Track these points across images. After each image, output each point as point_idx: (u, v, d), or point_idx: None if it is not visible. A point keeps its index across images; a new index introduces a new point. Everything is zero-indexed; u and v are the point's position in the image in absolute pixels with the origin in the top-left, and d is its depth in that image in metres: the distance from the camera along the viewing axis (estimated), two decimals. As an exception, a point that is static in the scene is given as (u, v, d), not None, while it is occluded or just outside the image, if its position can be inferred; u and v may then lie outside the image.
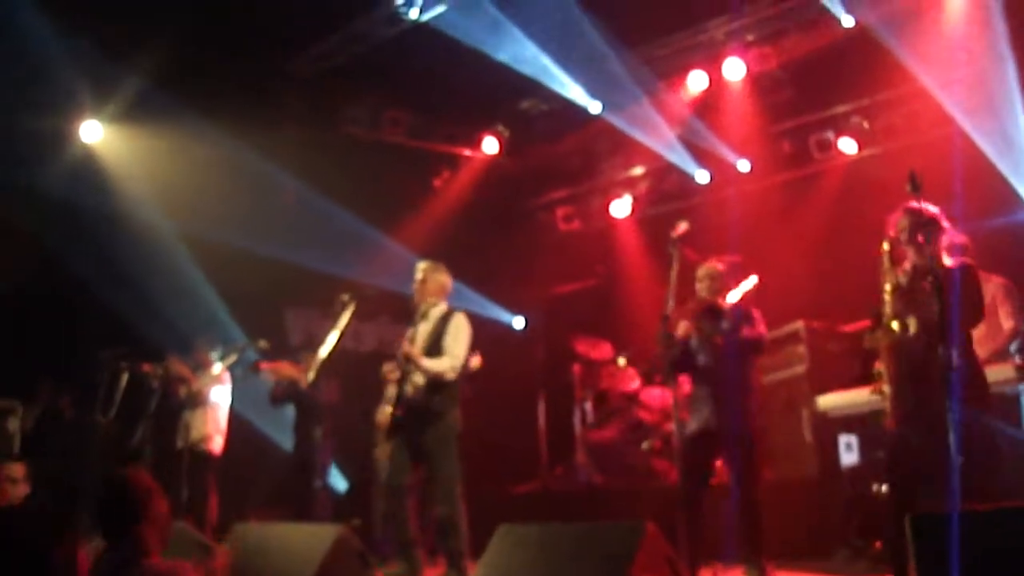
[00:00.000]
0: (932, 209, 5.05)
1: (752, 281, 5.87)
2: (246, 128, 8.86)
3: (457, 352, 5.99)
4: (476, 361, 7.21)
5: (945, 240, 5.03)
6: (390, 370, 5.97)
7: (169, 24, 8.01)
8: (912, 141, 8.31)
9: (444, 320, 6.11)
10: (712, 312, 5.67)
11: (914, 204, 5.05)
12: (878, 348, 5.13)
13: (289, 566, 4.69)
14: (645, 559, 3.62)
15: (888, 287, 5.01)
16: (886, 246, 5.05)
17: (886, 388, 5.13)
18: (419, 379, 5.98)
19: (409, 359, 5.95)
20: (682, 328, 5.76)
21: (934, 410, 4.63)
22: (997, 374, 5.71)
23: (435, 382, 5.93)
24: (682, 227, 5.19)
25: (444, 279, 6.30)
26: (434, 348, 6.01)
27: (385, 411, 7.85)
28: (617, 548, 3.67)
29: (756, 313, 5.79)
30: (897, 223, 5.04)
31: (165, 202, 9.24)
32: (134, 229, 9.23)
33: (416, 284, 6.24)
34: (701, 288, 5.85)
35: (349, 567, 4.72)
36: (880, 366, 5.23)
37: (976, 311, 4.92)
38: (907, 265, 5.10)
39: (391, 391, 7.53)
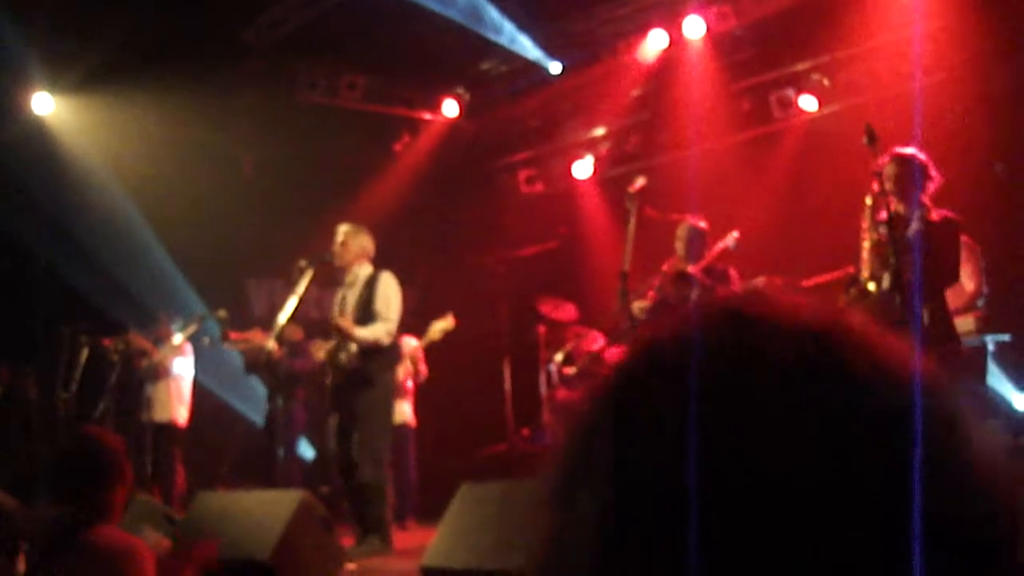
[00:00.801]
0: (921, 155, 4.93)
1: (731, 238, 5.84)
2: (201, 99, 8.72)
3: (390, 316, 5.95)
4: (449, 323, 7.15)
5: (931, 189, 4.91)
6: (318, 347, 5.96)
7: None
8: (873, 97, 8.32)
9: (371, 283, 6.05)
10: (682, 278, 5.65)
11: (904, 150, 4.91)
12: (855, 307, 5.07)
13: (253, 533, 4.66)
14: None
15: (867, 244, 4.90)
16: (869, 200, 4.89)
17: None
18: (353, 347, 5.93)
19: (341, 331, 5.88)
20: (650, 296, 5.75)
21: None
22: (959, 326, 5.77)
23: (370, 348, 5.89)
24: (639, 182, 5.16)
25: (366, 242, 6.23)
26: (365, 313, 5.96)
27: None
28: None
29: (733, 273, 5.76)
30: (884, 170, 4.88)
31: (121, 175, 9.12)
32: (90, 203, 9.11)
33: (336, 247, 6.16)
34: (679, 247, 5.82)
35: (313, 532, 4.70)
36: None
37: (953, 269, 4.84)
38: (885, 215, 4.98)
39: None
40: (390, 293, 6.03)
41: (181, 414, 8.33)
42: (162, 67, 8.43)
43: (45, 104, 9.08)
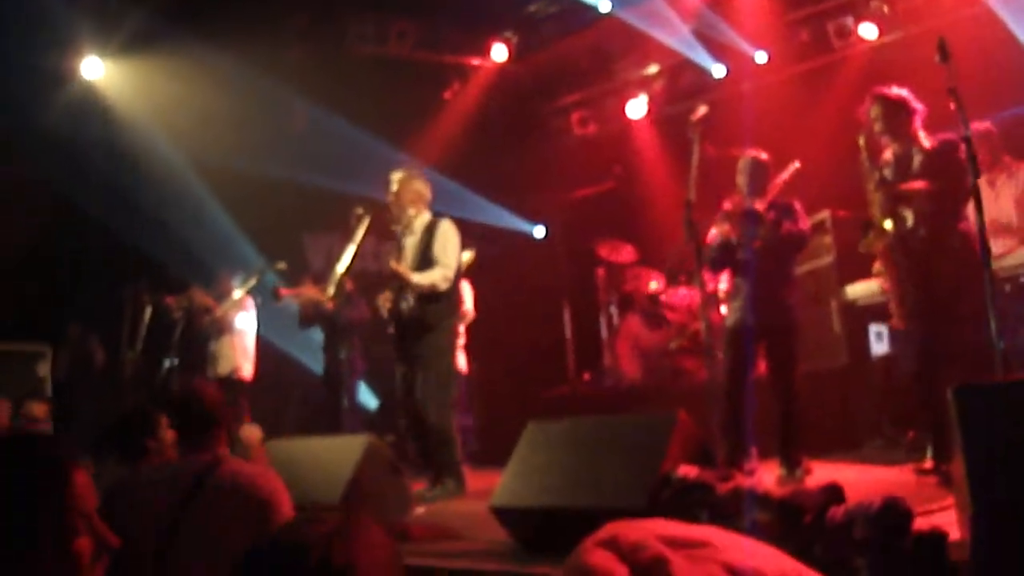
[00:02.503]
0: (899, 91, 4.99)
1: (792, 169, 5.72)
2: (251, 53, 8.69)
3: (447, 261, 5.90)
4: (470, 256, 7.09)
5: (919, 121, 4.98)
6: (384, 299, 5.97)
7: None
8: (935, 24, 8.00)
9: (430, 230, 6.00)
10: (750, 216, 5.54)
11: (881, 89, 5.03)
12: (874, 252, 5.10)
13: (323, 478, 4.69)
14: (678, 448, 3.57)
15: (871, 186, 4.95)
16: (862, 140, 4.99)
17: (890, 289, 5.10)
18: (413, 295, 5.90)
19: (398, 277, 5.84)
20: (721, 231, 5.64)
21: (940, 299, 4.65)
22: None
23: (429, 294, 5.85)
24: (701, 111, 5.04)
25: (420, 187, 6.14)
26: (424, 260, 5.92)
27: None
28: (649, 438, 3.61)
29: (798, 206, 5.68)
30: (868, 112, 5.02)
31: (174, 134, 9.16)
32: (145, 163, 9.18)
33: (391, 196, 6.09)
34: (740, 181, 5.73)
35: (381, 476, 4.72)
36: (879, 265, 5.17)
37: (962, 184, 4.79)
38: (888, 156, 5.03)
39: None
40: (448, 239, 5.97)
41: (246, 368, 8.42)
42: (209, 24, 8.40)
43: (95, 68, 9.11)
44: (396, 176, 6.17)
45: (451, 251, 5.95)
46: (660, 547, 2.50)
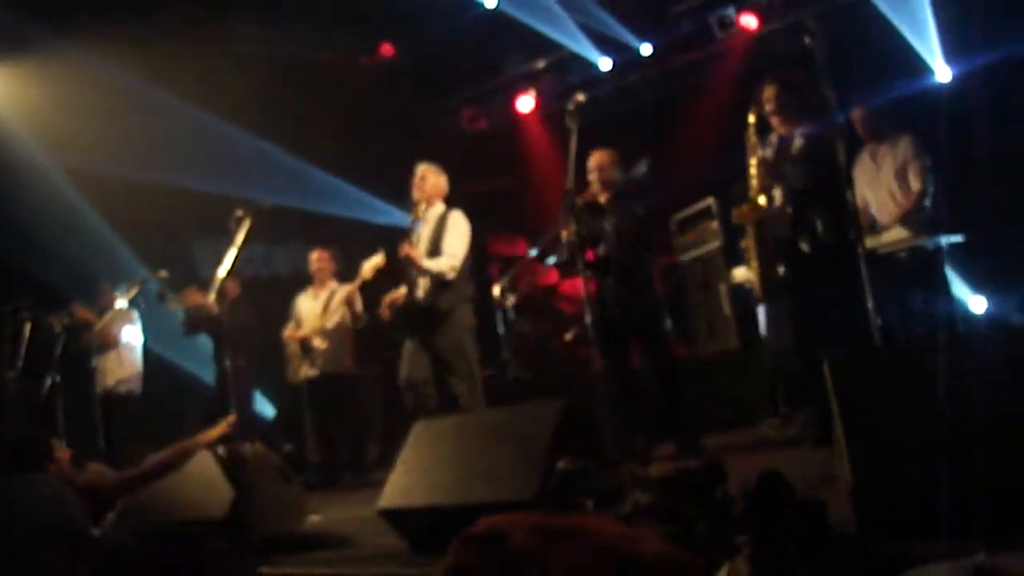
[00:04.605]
0: (798, 76, 5.04)
1: (642, 165, 5.77)
2: (128, 55, 8.39)
3: (454, 251, 6.04)
4: (379, 260, 7.03)
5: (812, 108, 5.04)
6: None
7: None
8: (816, 11, 8.20)
9: (442, 220, 6.18)
10: (594, 209, 5.57)
11: (780, 72, 5.06)
12: (746, 222, 5.18)
13: (208, 492, 4.54)
14: (564, 437, 3.54)
15: (754, 161, 5.04)
16: (751, 118, 5.06)
17: (754, 264, 5.19)
18: (425, 281, 6.03)
19: (410, 260, 5.99)
20: (566, 231, 5.65)
21: (801, 280, 4.74)
22: (893, 235, 5.76)
23: (439, 281, 5.98)
24: (579, 98, 5.04)
25: (442, 181, 6.37)
26: (435, 249, 6.07)
27: (292, 329, 7.75)
28: (535, 428, 3.57)
29: (640, 212, 5.70)
30: (764, 93, 5.06)
31: (49, 142, 8.78)
32: (20, 176, 8.78)
33: (416, 182, 6.29)
34: (592, 179, 5.80)
35: (271, 484, 4.58)
36: (747, 243, 5.26)
37: (835, 176, 4.88)
38: (773, 137, 5.13)
39: (292, 348, 7.48)
40: (458, 229, 6.15)
41: (134, 383, 8.14)
42: (83, 26, 8.10)
43: (-36, 76, 8.72)
44: (422, 166, 6.40)
45: (459, 242, 6.10)
46: (530, 539, 2.46)
